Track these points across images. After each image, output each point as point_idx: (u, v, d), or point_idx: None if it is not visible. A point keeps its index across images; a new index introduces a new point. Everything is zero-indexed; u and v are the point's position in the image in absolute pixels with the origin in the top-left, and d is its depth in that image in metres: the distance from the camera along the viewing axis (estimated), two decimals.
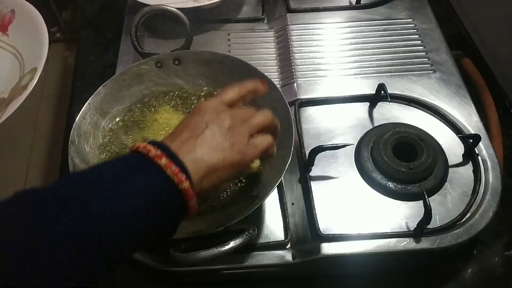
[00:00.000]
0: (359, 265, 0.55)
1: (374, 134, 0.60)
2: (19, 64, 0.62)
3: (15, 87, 0.58)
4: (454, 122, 0.62)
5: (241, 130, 0.43)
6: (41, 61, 0.59)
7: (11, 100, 0.55)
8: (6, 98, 0.57)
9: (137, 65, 0.60)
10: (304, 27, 0.75)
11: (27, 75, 0.58)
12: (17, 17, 0.66)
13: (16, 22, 0.66)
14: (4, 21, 0.66)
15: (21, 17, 0.66)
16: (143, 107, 0.60)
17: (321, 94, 0.66)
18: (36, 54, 0.60)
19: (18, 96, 0.55)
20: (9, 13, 0.66)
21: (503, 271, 0.56)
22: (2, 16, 0.66)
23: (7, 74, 0.62)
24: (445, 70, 0.69)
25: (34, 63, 0.59)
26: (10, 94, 0.57)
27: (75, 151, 0.52)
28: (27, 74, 0.58)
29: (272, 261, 0.52)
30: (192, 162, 0.38)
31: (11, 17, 0.66)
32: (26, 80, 0.58)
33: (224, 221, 0.47)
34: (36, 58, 0.59)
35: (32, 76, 0.57)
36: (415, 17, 0.77)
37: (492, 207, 0.54)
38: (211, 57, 0.61)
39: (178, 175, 0.36)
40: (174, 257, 0.44)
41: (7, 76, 0.61)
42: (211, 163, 0.39)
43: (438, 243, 0.51)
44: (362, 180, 0.57)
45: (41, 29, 0.63)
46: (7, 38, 0.66)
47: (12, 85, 0.59)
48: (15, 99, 0.55)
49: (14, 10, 0.66)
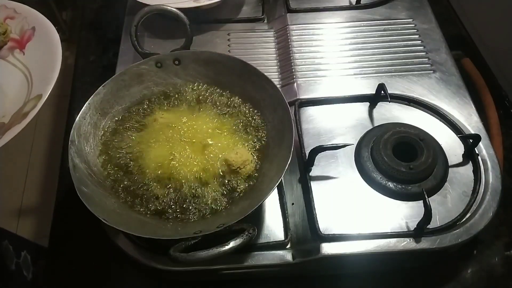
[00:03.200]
0: (359, 265, 0.55)
1: (374, 134, 0.60)
2: (27, 87, 0.58)
3: (17, 112, 0.55)
4: (454, 122, 0.62)
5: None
6: (47, 88, 0.55)
7: (10, 127, 0.52)
8: (6, 124, 0.54)
9: (137, 65, 0.60)
10: (304, 27, 0.75)
11: (31, 101, 0.54)
12: (36, 35, 0.62)
13: (34, 41, 0.62)
14: (23, 37, 0.63)
15: (40, 36, 0.62)
16: (143, 107, 0.60)
17: (321, 94, 0.66)
18: (45, 79, 0.56)
19: (17, 124, 0.52)
20: (29, 30, 0.63)
21: (503, 271, 0.56)
22: (23, 32, 0.63)
23: (14, 96, 0.58)
24: (445, 70, 0.69)
25: (41, 89, 0.55)
26: (11, 120, 0.54)
27: (75, 151, 0.52)
28: (32, 100, 0.54)
29: (272, 261, 0.52)
30: None
31: (30, 35, 0.62)
32: (29, 107, 0.54)
33: (224, 221, 0.47)
34: (44, 83, 0.56)
35: (35, 103, 0.54)
36: (415, 17, 0.77)
37: (492, 207, 0.54)
38: (211, 57, 0.61)
39: None
40: (174, 257, 0.43)
41: (13, 98, 0.58)
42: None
43: (438, 243, 0.51)
44: (362, 180, 0.57)
45: (56, 53, 0.59)
46: (23, 57, 0.62)
47: (16, 109, 0.55)
48: (13, 127, 0.51)
49: (35, 28, 0.62)
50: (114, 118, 0.58)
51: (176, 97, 0.61)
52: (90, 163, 0.53)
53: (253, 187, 0.53)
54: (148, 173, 0.53)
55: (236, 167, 0.53)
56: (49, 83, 0.55)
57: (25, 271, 0.80)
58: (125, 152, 0.55)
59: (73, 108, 0.71)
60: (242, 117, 0.58)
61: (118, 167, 0.54)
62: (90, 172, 0.52)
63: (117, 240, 0.53)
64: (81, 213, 0.46)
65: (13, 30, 0.63)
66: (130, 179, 0.53)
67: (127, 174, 0.54)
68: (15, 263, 0.78)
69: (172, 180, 0.53)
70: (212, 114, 0.59)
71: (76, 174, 0.50)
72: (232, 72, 0.60)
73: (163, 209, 0.51)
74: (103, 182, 0.53)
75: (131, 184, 0.53)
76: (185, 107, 0.60)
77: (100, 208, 0.48)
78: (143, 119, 0.59)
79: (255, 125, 0.58)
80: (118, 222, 0.47)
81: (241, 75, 0.60)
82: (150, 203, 0.51)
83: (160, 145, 0.56)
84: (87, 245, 0.58)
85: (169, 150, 0.55)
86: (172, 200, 0.51)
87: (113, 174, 0.54)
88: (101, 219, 0.45)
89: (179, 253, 0.44)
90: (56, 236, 0.60)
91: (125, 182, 0.53)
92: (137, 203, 0.51)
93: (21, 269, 0.79)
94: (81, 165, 0.52)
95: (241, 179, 0.53)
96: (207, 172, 0.53)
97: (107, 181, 0.53)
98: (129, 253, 0.52)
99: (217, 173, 0.53)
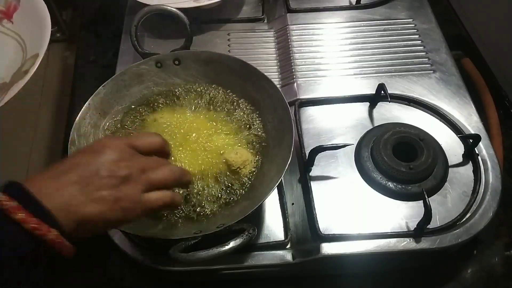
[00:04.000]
0: (359, 265, 0.55)
1: (374, 134, 0.60)
2: (22, 50, 0.63)
3: (16, 72, 0.59)
4: (454, 122, 0.62)
5: (136, 184, 0.38)
6: (42, 48, 0.59)
7: (12, 84, 0.55)
8: (7, 82, 0.58)
9: (137, 65, 0.60)
10: (304, 27, 0.75)
11: (28, 61, 0.59)
12: (22, 5, 0.68)
13: (20, 10, 0.68)
14: (9, 8, 0.68)
15: (25, 5, 0.68)
16: (143, 107, 0.60)
17: (321, 94, 0.66)
18: (38, 41, 0.61)
19: (19, 80, 0.55)
20: (14, 1, 0.68)
21: (503, 271, 0.56)
22: (8, 4, 0.68)
23: (9, 60, 0.63)
24: (445, 70, 0.69)
25: (36, 50, 0.60)
26: (12, 79, 0.58)
27: (75, 151, 0.52)
28: (29, 60, 0.59)
29: (272, 261, 0.52)
30: (62, 211, 0.34)
31: (16, 5, 0.68)
32: (27, 65, 0.58)
33: (224, 221, 0.47)
34: (38, 44, 0.60)
35: (33, 61, 0.58)
36: (415, 17, 0.77)
37: (492, 207, 0.54)
38: (211, 57, 0.61)
39: (41, 228, 0.32)
40: (174, 257, 0.43)
41: (10, 62, 0.62)
42: (85, 215, 0.35)
43: (438, 243, 0.51)
44: (362, 180, 0.57)
45: (44, 16, 0.64)
46: (12, 25, 0.67)
47: (14, 71, 0.60)
48: (16, 83, 0.55)
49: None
50: (114, 118, 0.58)
51: (176, 97, 0.61)
52: None
53: (253, 187, 0.53)
54: None
55: (236, 167, 0.53)
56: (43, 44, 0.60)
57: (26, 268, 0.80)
58: None
59: (73, 108, 0.71)
60: (242, 117, 0.58)
61: None
62: None
63: (117, 240, 0.53)
64: None
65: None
66: None
67: None
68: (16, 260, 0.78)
69: None
70: (212, 114, 0.59)
71: None
72: (232, 72, 0.60)
73: None
74: None
75: None
76: (185, 107, 0.60)
77: None
78: (143, 119, 0.59)
79: (255, 125, 0.58)
80: None
81: (241, 75, 0.59)
82: None
83: None
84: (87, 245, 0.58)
85: None
86: None
87: None
88: None
89: (179, 253, 0.44)
90: None
91: None
92: None
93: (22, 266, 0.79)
94: None
95: (241, 179, 0.53)
96: (207, 172, 0.53)
97: None
98: (129, 253, 0.52)
99: (217, 173, 0.53)
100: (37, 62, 0.57)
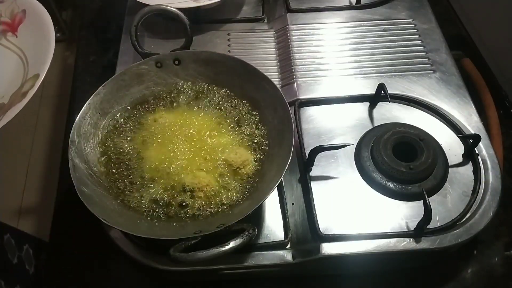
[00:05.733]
0: (359, 265, 0.55)
1: (374, 134, 0.60)
2: (23, 68, 0.61)
3: (16, 92, 0.57)
4: (454, 122, 0.62)
5: None
6: (44, 68, 0.57)
7: (10, 107, 0.54)
8: (5, 104, 0.56)
9: (137, 65, 0.60)
10: (304, 27, 0.75)
11: (29, 81, 0.57)
12: (28, 18, 0.64)
13: (26, 23, 0.64)
14: (14, 21, 0.64)
15: (31, 18, 0.64)
16: (143, 107, 0.60)
17: (321, 94, 0.66)
18: (40, 59, 0.58)
19: (17, 103, 0.53)
20: (20, 13, 0.64)
21: (503, 271, 0.56)
22: (13, 15, 0.65)
23: (11, 78, 0.60)
24: (445, 70, 0.69)
25: (37, 69, 0.57)
26: (10, 100, 0.56)
27: (75, 151, 0.52)
28: (29, 80, 0.57)
29: (272, 261, 0.52)
30: None
31: (21, 18, 0.64)
32: (27, 86, 0.57)
33: (224, 221, 0.47)
34: (40, 63, 0.58)
35: (33, 83, 0.56)
36: (415, 17, 0.77)
37: (492, 207, 0.54)
38: (211, 57, 0.61)
39: None
40: (174, 257, 0.43)
41: (11, 80, 0.60)
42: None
43: (438, 243, 0.51)
44: (362, 180, 0.57)
45: (49, 33, 0.61)
46: (16, 39, 0.64)
47: (14, 90, 0.57)
48: (13, 106, 0.53)
49: (25, 10, 0.64)
50: (114, 118, 0.58)
51: (176, 97, 0.61)
52: (90, 163, 0.53)
53: (253, 187, 0.53)
54: (148, 173, 0.53)
55: (236, 167, 0.53)
56: (45, 63, 0.57)
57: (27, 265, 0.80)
58: (125, 152, 0.55)
59: (73, 108, 0.71)
60: (242, 117, 0.58)
61: (118, 167, 0.54)
62: (90, 172, 0.52)
63: (117, 240, 0.53)
64: (81, 213, 0.46)
65: (4, 14, 0.64)
66: (130, 179, 0.53)
67: (127, 174, 0.54)
68: (17, 257, 0.78)
69: (172, 180, 0.53)
70: (212, 114, 0.59)
71: (76, 174, 0.50)
72: (232, 72, 0.60)
73: (163, 209, 0.51)
74: (103, 182, 0.53)
75: (131, 184, 0.53)
76: (185, 107, 0.60)
77: (100, 208, 0.48)
78: (143, 119, 0.59)
79: (255, 125, 0.58)
80: (117, 222, 0.47)
81: (241, 75, 0.59)
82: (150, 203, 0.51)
83: (160, 145, 0.56)
84: (87, 245, 0.58)
85: (169, 150, 0.55)
86: (172, 200, 0.51)
87: (113, 174, 0.54)
88: (101, 219, 0.45)
89: (179, 253, 0.44)
90: (56, 236, 0.60)
91: (125, 182, 0.53)
92: (137, 203, 0.51)
93: (23, 263, 0.79)
94: (81, 165, 0.52)
95: (241, 179, 0.53)
96: (207, 172, 0.53)
97: (107, 181, 0.53)
98: (129, 253, 0.52)
99: (217, 173, 0.53)
100: (37, 84, 0.55)
